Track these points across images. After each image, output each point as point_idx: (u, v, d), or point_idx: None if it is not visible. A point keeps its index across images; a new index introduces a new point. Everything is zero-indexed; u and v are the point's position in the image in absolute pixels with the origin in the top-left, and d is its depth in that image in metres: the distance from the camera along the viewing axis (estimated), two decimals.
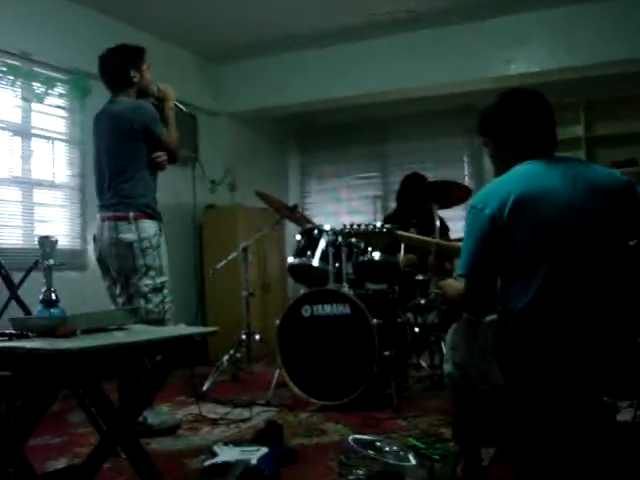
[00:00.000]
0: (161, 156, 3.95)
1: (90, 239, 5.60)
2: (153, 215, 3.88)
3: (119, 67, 3.93)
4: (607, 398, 2.35)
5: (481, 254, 2.27)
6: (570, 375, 2.18)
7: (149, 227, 3.83)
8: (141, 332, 2.60)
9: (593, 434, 2.27)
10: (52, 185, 5.70)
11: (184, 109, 4.26)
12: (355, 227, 3.50)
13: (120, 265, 3.82)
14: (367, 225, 3.47)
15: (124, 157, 3.84)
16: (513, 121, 2.44)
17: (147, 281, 3.80)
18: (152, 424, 3.76)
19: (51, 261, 2.59)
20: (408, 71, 6.84)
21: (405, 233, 3.47)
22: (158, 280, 3.83)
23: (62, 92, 5.75)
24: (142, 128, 3.81)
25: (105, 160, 3.90)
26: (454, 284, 2.43)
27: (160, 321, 3.77)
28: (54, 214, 5.71)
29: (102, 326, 2.49)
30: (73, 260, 5.64)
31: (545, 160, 2.35)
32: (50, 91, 5.63)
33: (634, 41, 6.04)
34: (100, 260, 3.94)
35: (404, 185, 5.93)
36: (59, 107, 5.79)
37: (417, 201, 5.15)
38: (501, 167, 2.47)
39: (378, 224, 3.43)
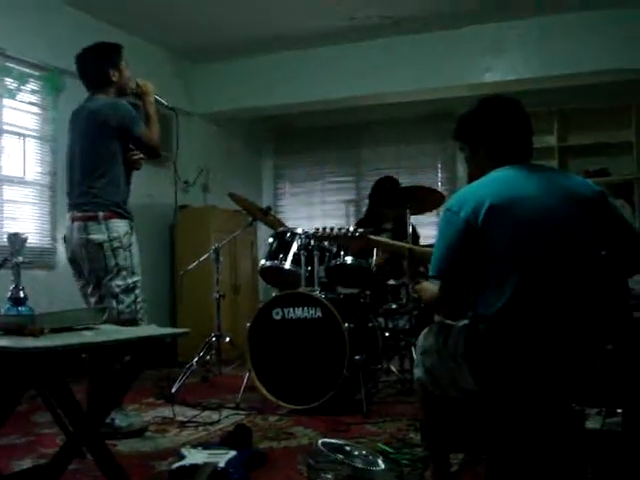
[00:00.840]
0: (137, 154, 3.91)
1: (60, 237, 5.58)
2: (123, 214, 3.83)
3: (97, 67, 3.89)
4: (576, 405, 2.37)
5: (453, 256, 2.27)
6: (540, 381, 2.19)
7: (119, 227, 3.78)
8: (110, 332, 2.57)
9: (561, 441, 2.28)
10: (22, 182, 5.65)
11: (165, 103, 4.21)
12: (327, 231, 3.50)
13: (91, 266, 3.77)
14: (340, 229, 3.47)
15: (98, 155, 3.79)
16: (490, 128, 2.45)
17: (118, 281, 3.75)
18: (120, 426, 3.72)
19: (20, 259, 2.56)
20: (385, 76, 6.88)
21: (377, 237, 3.48)
22: (130, 280, 3.79)
23: (35, 88, 5.70)
24: (118, 126, 3.76)
25: (78, 158, 3.85)
26: (430, 287, 2.43)
27: (132, 321, 3.73)
28: (24, 211, 5.65)
29: (70, 325, 2.45)
30: (42, 258, 5.59)
31: (521, 167, 2.36)
32: (23, 87, 5.59)
33: (608, 53, 6.13)
34: (72, 261, 3.88)
35: (376, 188, 5.95)
36: (31, 103, 5.74)
37: (390, 205, 5.17)
38: (476, 172, 2.48)
39: (351, 228, 3.43)
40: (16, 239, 2.57)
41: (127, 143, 3.86)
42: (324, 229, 3.57)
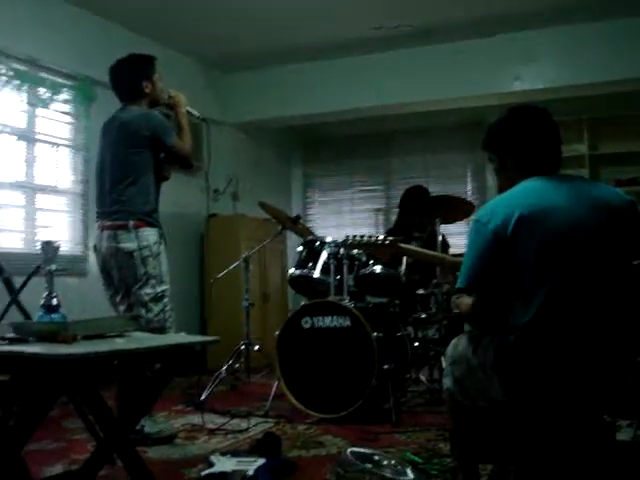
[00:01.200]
0: (168, 169, 3.97)
1: (91, 245, 5.63)
2: (153, 223, 3.86)
3: (131, 78, 3.93)
4: (607, 417, 2.34)
5: (482, 268, 2.26)
6: (570, 392, 2.18)
7: (149, 235, 3.80)
8: (141, 339, 2.60)
9: (592, 453, 2.26)
10: (55, 190, 5.72)
11: (197, 114, 4.25)
12: (358, 238, 3.50)
13: (121, 274, 3.80)
14: (370, 236, 3.47)
15: (128, 164, 3.82)
16: (518, 138, 2.45)
17: (148, 290, 3.78)
18: (150, 433, 3.75)
19: (53, 266, 2.59)
20: (413, 85, 6.87)
21: (408, 246, 3.47)
22: (159, 289, 3.81)
23: (67, 98, 5.76)
24: (150, 136, 3.80)
25: (109, 167, 3.88)
26: (467, 300, 2.42)
27: (161, 329, 3.76)
28: (56, 220, 5.72)
29: (102, 332, 2.48)
30: (74, 266, 5.64)
31: (550, 177, 2.35)
32: (55, 96, 5.65)
33: (636, 61, 6.05)
34: (102, 270, 3.91)
35: (406, 197, 5.94)
36: (64, 113, 5.81)
37: (419, 214, 5.16)
38: (505, 183, 2.47)
39: (381, 236, 3.43)
40: (49, 247, 2.60)
41: (158, 153, 3.89)
42: (354, 237, 3.58)
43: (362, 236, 3.52)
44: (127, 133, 3.83)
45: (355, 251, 4.70)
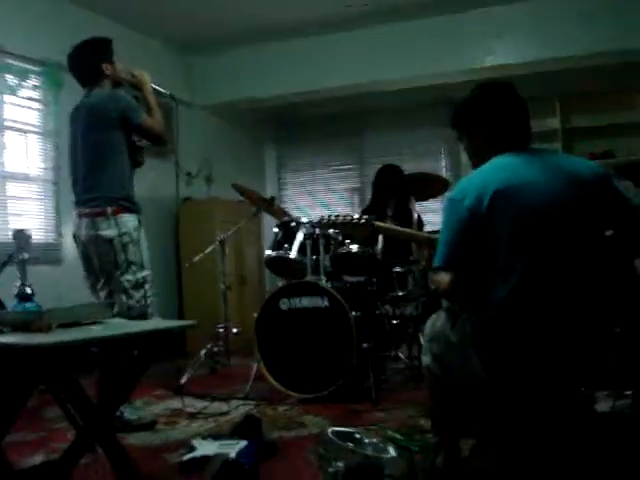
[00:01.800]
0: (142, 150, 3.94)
1: (65, 232, 5.59)
2: (132, 208, 3.82)
3: (90, 63, 3.88)
4: (585, 389, 2.36)
5: (459, 245, 2.27)
6: (548, 366, 2.19)
7: (129, 221, 3.76)
8: (117, 326, 2.58)
9: (571, 424, 2.28)
10: (26, 178, 5.65)
11: (164, 91, 4.19)
12: (333, 218, 3.50)
13: (101, 261, 3.76)
14: (345, 216, 3.46)
15: (101, 148, 3.77)
16: (486, 114, 2.45)
17: (128, 277, 3.74)
18: (129, 419, 3.73)
19: (25, 255, 2.56)
20: (385, 63, 6.85)
21: (384, 224, 3.47)
22: (139, 275, 3.78)
23: (36, 84, 5.69)
24: (119, 116, 3.75)
25: (81, 153, 3.83)
26: (447, 278, 2.42)
27: (142, 315, 3.73)
28: (28, 207, 5.65)
29: (78, 320, 2.46)
30: (48, 254, 5.59)
31: (523, 152, 2.36)
32: (23, 83, 5.57)
33: (610, 34, 6.08)
34: (83, 257, 3.87)
35: (379, 177, 5.93)
36: (32, 99, 5.72)
37: (393, 193, 5.16)
38: (477, 160, 2.47)
39: (356, 215, 3.42)
40: (21, 236, 2.57)
41: (130, 133, 3.84)
42: (329, 217, 3.57)
43: (337, 216, 3.51)
44: (95, 117, 3.78)
45: (331, 231, 4.69)
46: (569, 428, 2.26)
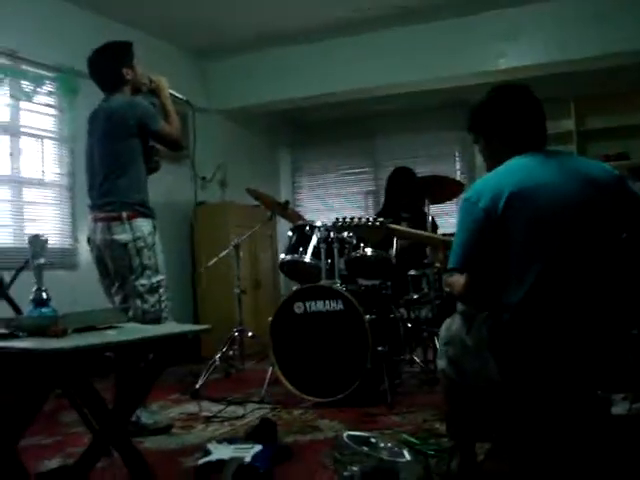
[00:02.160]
0: (157, 159, 3.96)
1: (80, 237, 5.61)
2: (147, 213, 3.83)
3: (111, 67, 3.88)
4: (601, 392, 2.35)
5: (474, 247, 2.26)
6: (564, 369, 2.18)
7: (143, 226, 3.78)
8: (133, 331, 2.58)
9: (587, 428, 2.27)
10: (41, 183, 5.68)
11: (180, 96, 4.20)
12: (348, 220, 3.50)
13: (116, 266, 3.78)
14: (360, 218, 3.47)
15: (118, 154, 3.79)
16: (502, 116, 2.44)
17: (143, 281, 3.75)
18: (146, 424, 3.74)
19: (41, 260, 2.57)
20: (398, 66, 6.83)
21: (398, 227, 3.47)
22: (154, 279, 3.79)
23: (51, 90, 5.72)
24: (137, 124, 3.76)
25: (98, 158, 3.85)
26: (459, 280, 2.42)
27: (157, 320, 3.74)
28: (44, 213, 5.68)
29: (93, 325, 2.46)
30: (64, 259, 5.62)
31: (539, 154, 2.35)
32: (39, 89, 5.60)
33: (625, 35, 6.03)
34: (97, 261, 3.89)
35: (391, 179, 5.94)
36: (48, 105, 5.76)
37: (406, 196, 5.15)
38: (493, 163, 2.47)
39: (371, 218, 3.42)
40: (37, 241, 2.58)
41: (147, 140, 3.86)
42: (344, 219, 3.57)
43: (352, 218, 3.51)
44: (113, 123, 3.79)
45: (345, 234, 4.69)
46: (585, 431, 2.25)
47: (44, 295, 2.54)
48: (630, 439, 2.60)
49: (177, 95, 4.16)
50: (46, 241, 2.61)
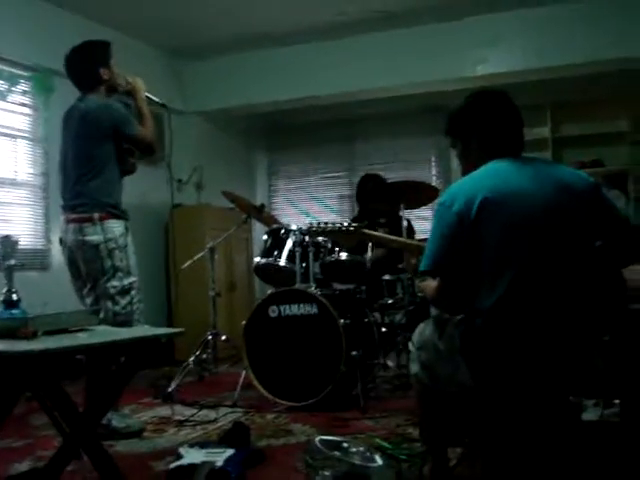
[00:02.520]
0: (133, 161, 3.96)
1: (53, 238, 5.57)
2: (119, 215, 3.82)
3: (87, 67, 3.86)
4: (573, 397, 2.36)
5: (446, 250, 2.26)
6: (536, 374, 2.19)
7: (115, 227, 3.76)
8: (104, 333, 2.56)
9: (558, 433, 2.28)
10: (14, 183, 5.62)
11: (157, 100, 4.19)
12: (322, 225, 3.49)
13: (88, 267, 3.76)
14: (334, 224, 3.46)
15: (91, 156, 3.77)
16: (480, 121, 2.45)
17: (115, 283, 3.73)
18: (117, 427, 3.71)
19: (12, 261, 2.55)
20: (376, 71, 6.85)
21: (373, 232, 3.46)
22: (126, 281, 3.77)
23: (25, 89, 5.67)
24: (111, 127, 3.75)
25: (71, 159, 3.83)
26: (432, 284, 2.42)
27: (128, 322, 3.72)
28: (16, 213, 5.62)
29: (64, 327, 2.45)
30: (36, 260, 5.58)
31: (513, 160, 2.36)
32: (13, 88, 5.55)
33: (601, 43, 6.09)
34: (69, 262, 3.86)
35: (360, 186, 5.98)
36: (22, 104, 5.71)
37: (380, 201, 5.17)
38: (469, 166, 2.47)
39: (345, 223, 3.42)
40: (7, 242, 2.56)
41: (121, 143, 3.84)
42: (318, 224, 3.56)
43: (326, 223, 3.50)
44: (87, 124, 3.77)
45: (320, 238, 4.69)
46: (556, 436, 2.26)
47: (14, 297, 2.53)
48: (601, 445, 2.62)
49: (153, 98, 4.14)
50: (17, 242, 2.59)
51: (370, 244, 4.79)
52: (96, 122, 3.75)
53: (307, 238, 4.69)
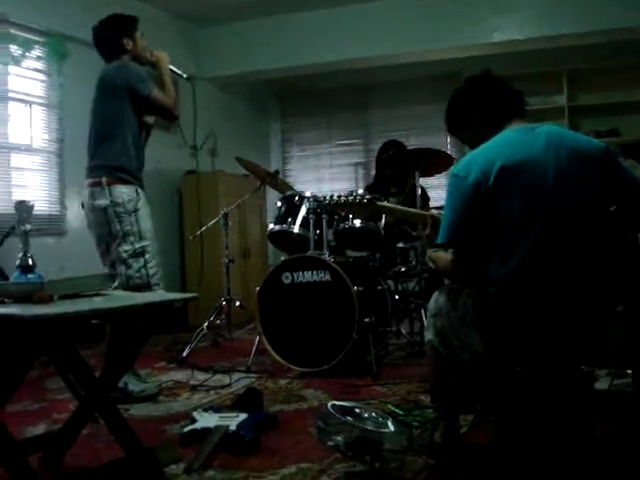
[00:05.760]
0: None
1: (68, 204, 5.60)
2: (127, 180, 3.81)
3: (110, 36, 3.88)
4: (585, 367, 2.37)
5: (462, 223, 2.26)
6: (549, 343, 2.19)
7: (123, 192, 3.75)
8: (120, 298, 2.58)
9: (570, 402, 2.29)
10: (30, 149, 5.63)
11: (181, 73, 4.21)
12: (335, 198, 3.47)
13: (98, 231, 3.80)
14: (347, 196, 3.44)
15: (106, 117, 3.80)
16: (474, 101, 2.48)
17: (126, 247, 3.75)
18: (133, 391, 3.75)
19: (28, 226, 2.56)
20: (392, 37, 6.80)
21: (386, 204, 3.45)
22: (137, 245, 3.77)
23: (40, 55, 5.65)
24: (126, 86, 3.75)
25: (92, 123, 3.87)
26: (445, 256, 2.42)
27: (145, 286, 3.73)
28: (32, 179, 5.63)
29: (80, 292, 2.46)
30: (52, 226, 5.59)
31: (525, 127, 2.35)
32: (27, 53, 5.53)
33: (618, 11, 6.01)
34: (90, 227, 3.89)
35: (381, 152, 5.92)
36: (37, 70, 5.69)
37: (397, 168, 5.14)
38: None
39: (359, 193, 3.40)
40: (23, 207, 2.56)
41: (137, 104, 3.84)
42: (331, 196, 3.55)
43: (339, 196, 3.48)
44: (104, 86, 3.82)
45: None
46: (567, 405, 2.27)
47: (30, 261, 2.54)
48: (612, 414, 2.63)
49: (177, 71, 4.16)
50: (32, 207, 2.60)
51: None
52: (111, 81, 3.78)
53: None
